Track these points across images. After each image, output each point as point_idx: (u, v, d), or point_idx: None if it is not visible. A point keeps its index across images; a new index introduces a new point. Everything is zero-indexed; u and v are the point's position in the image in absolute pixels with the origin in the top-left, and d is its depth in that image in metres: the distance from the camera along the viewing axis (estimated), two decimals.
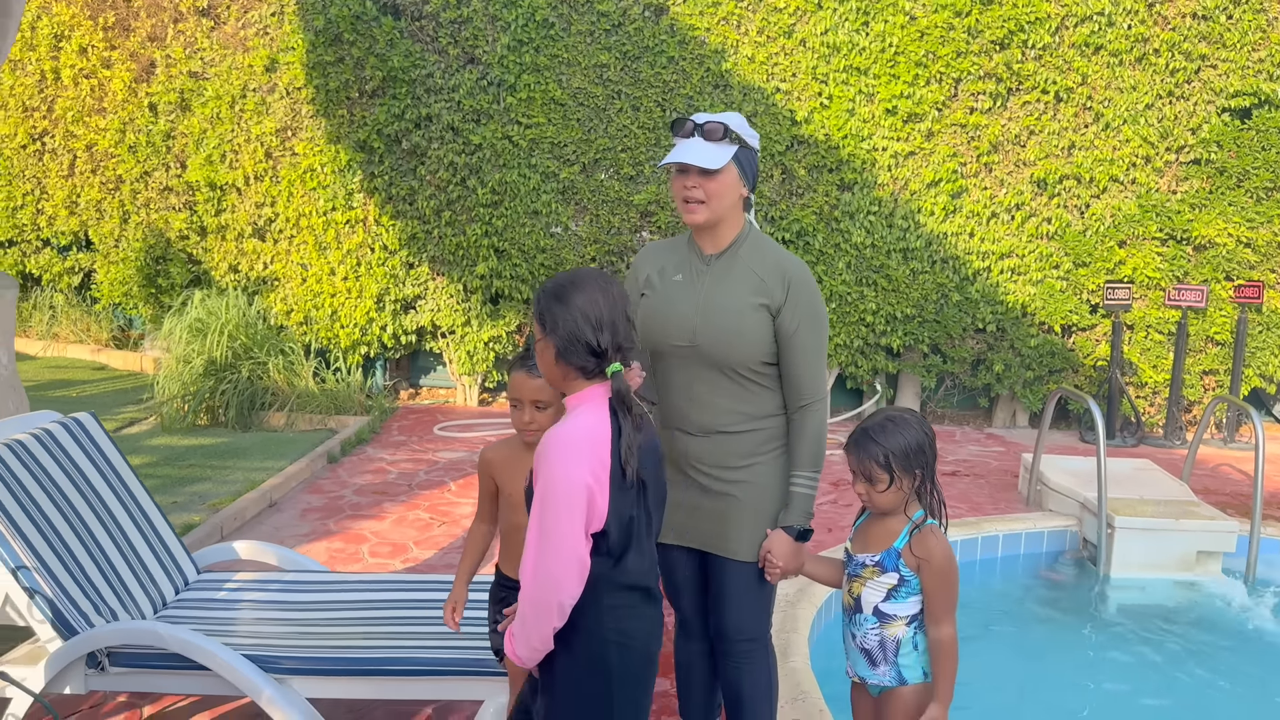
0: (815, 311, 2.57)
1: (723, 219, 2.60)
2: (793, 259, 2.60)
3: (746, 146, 2.58)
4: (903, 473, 2.34)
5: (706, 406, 2.61)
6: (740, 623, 2.69)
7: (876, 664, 2.42)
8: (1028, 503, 6.20)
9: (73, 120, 9.16)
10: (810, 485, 2.59)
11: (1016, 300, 8.14)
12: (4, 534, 2.92)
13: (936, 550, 2.33)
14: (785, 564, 2.56)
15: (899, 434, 2.34)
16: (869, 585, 2.40)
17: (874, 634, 2.40)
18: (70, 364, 9.56)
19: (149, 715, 3.40)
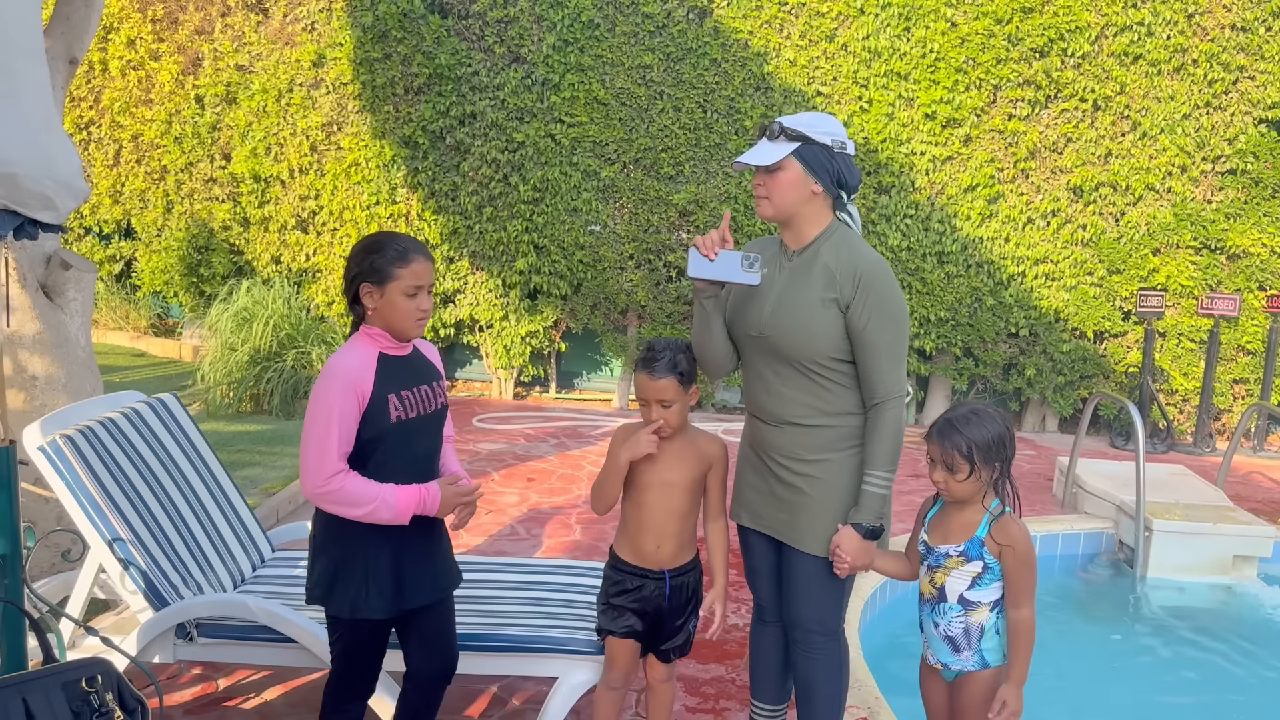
0: (887, 309, 2.57)
1: (795, 215, 2.66)
2: (871, 258, 2.61)
3: (812, 143, 2.60)
4: (983, 464, 2.40)
5: (779, 397, 2.69)
6: (809, 613, 2.76)
7: (960, 650, 2.49)
8: (1063, 505, 6.27)
9: (119, 111, 9.31)
10: (882, 485, 2.59)
11: (1050, 305, 8.21)
12: (101, 506, 3.04)
13: (1020, 537, 2.40)
14: (853, 560, 2.59)
15: (982, 426, 2.41)
16: (953, 574, 2.47)
17: (959, 621, 2.47)
18: (110, 350, 9.72)
19: (224, 687, 3.52)
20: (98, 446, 3.13)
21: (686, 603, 2.85)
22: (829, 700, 2.82)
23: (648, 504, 2.75)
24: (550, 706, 3.03)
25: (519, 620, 3.16)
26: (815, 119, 2.64)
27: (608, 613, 2.83)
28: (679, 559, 2.79)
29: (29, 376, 3.98)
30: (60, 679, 1.91)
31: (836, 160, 2.63)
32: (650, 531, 2.77)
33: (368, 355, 2.46)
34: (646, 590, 2.79)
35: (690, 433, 2.81)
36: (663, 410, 2.67)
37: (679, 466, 2.76)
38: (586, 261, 8.33)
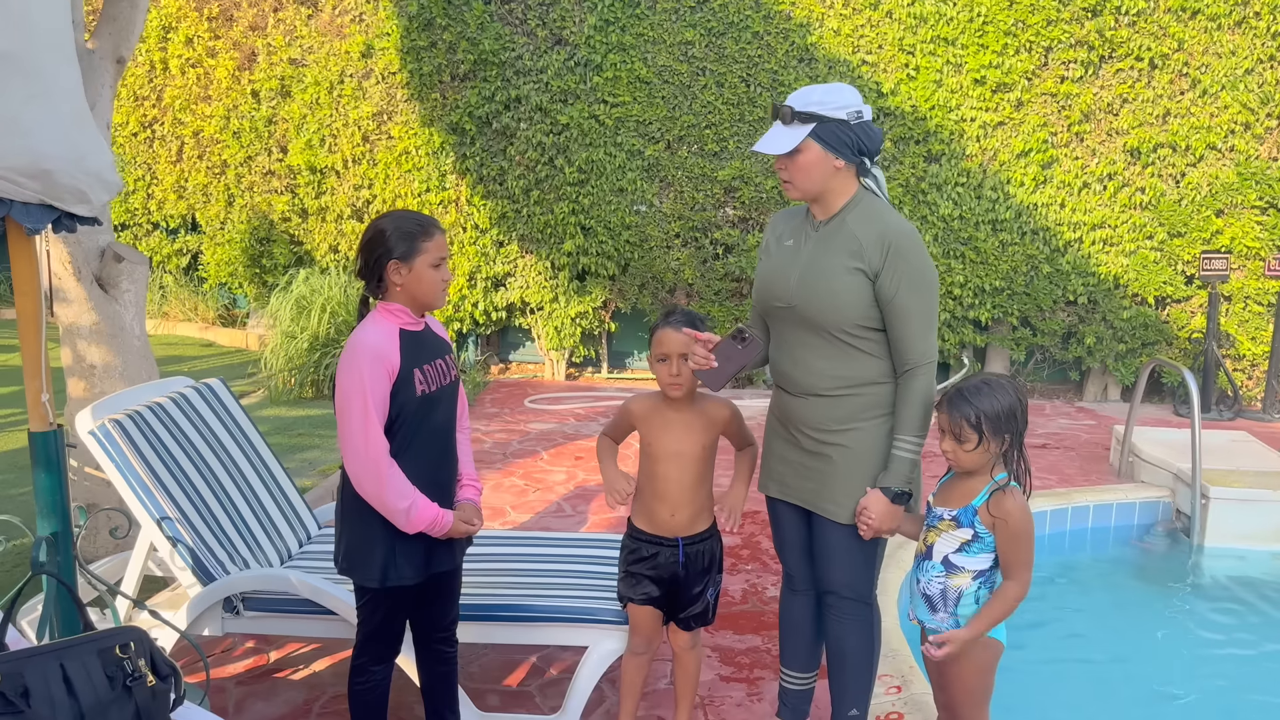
0: (917, 276, 2.57)
1: (823, 191, 2.65)
2: (899, 225, 2.60)
3: (827, 120, 2.58)
4: (992, 435, 2.39)
5: (806, 368, 2.70)
6: (840, 580, 2.78)
7: (936, 610, 2.50)
8: (1119, 475, 6.15)
9: (180, 108, 9.60)
10: (912, 450, 2.61)
11: (1109, 272, 8.02)
12: (149, 487, 3.18)
13: (1014, 511, 2.39)
14: (878, 523, 2.61)
15: (993, 397, 2.39)
16: (943, 536, 2.48)
17: (938, 581, 2.49)
18: (180, 341, 10.06)
19: (275, 659, 3.66)
20: (145, 430, 3.27)
21: (703, 571, 2.89)
22: (860, 665, 2.85)
23: (661, 475, 2.82)
24: (581, 674, 3.11)
25: (551, 591, 3.23)
26: (827, 93, 2.61)
27: (626, 580, 2.91)
28: (694, 527, 2.85)
29: (87, 365, 4.16)
30: (96, 646, 2.01)
31: (854, 131, 2.60)
32: (665, 501, 2.83)
33: (390, 331, 2.53)
34: (662, 558, 2.85)
35: (700, 401, 2.86)
36: (683, 364, 2.72)
37: (689, 437, 2.81)
38: (633, 241, 8.37)
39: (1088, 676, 3.93)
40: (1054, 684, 3.81)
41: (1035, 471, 6.13)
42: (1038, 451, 6.71)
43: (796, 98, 2.60)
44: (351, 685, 2.70)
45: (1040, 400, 8.46)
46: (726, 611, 4.11)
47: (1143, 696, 3.82)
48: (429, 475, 2.62)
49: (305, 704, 3.34)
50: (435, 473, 2.64)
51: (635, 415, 2.88)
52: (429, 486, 2.60)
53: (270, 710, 3.30)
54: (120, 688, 2.01)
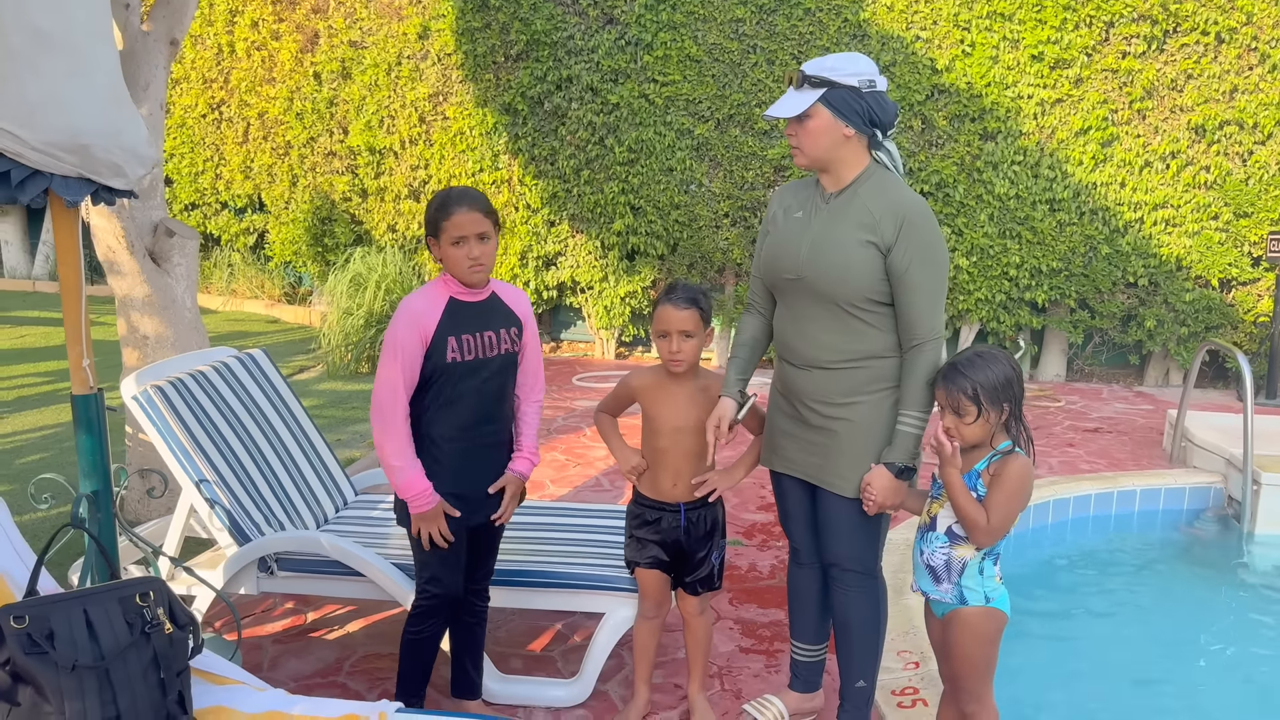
0: (929, 251, 2.57)
1: (833, 160, 2.64)
2: (912, 199, 2.60)
3: (837, 86, 2.57)
4: (990, 406, 2.39)
5: (810, 341, 2.71)
6: (845, 553, 2.80)
7: (939, 581, 2.51)
8: (1171, 460, 6.02)
9: (246, 90, 9.86)
10: (917, 425, 2.62)
11: (1171, 253, 7.81)
12: (189, 450, 3.33)
13: (1012, 471, 2.39)
14: (882, 498, 2.62)
15: (987, 368, 2.40)
16: (946, 507, 2.48)
17: (942, 552, 2.49)
18: (247, 317, 10.37)
19: (312, 619, 3.81)
20: (186, 396, 3.41)
21: (706, 535, 2.97)
22: (866, 638, 2.87)
23: (665, 448, 2.90)
24: (598, 639, 3.18)
25: (568, 559, 3.31)
26: (841, 60, 2.61)
27: (632, 545, 3.00)
28: (696, 493, 2.92)
29: (140, 336, 4.35)
30: (117, 594, 2.14)
31: (866, 100, 2.58)
32: (668, 471, 2.92)
33: (437, 298, 2.70)
34: (665, 523, 2.94)
35: (701, 376, 2.93)
36: (683, 341, 2.79)
37: (690, 412, 2.89)
38: (682, 221, 8.39)
39: (1133, 660, 3.88)
40: (1099, 666, 3.77)
41: (1085, 455, 6.07)
42: (1089, 436, 6.59)
43: (810, 64, 2.62)
44: (405, 632, 2.87)
45: (1098, 384, 8.29)
46: (754, 586, 4.15)
47: (1189, 682, 3.76)
48: (464, 438, 2.77)
49: (336, 663, 3.47)
50: (471, 436, 2.78)
51: (637, 389, 2.96)
52: (463, 448, 2.76)
53: (303, 667, 3.43)
54: (139, 633, 2.13)
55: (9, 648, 2.02)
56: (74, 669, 2.01)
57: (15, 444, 5.73)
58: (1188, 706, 3.58)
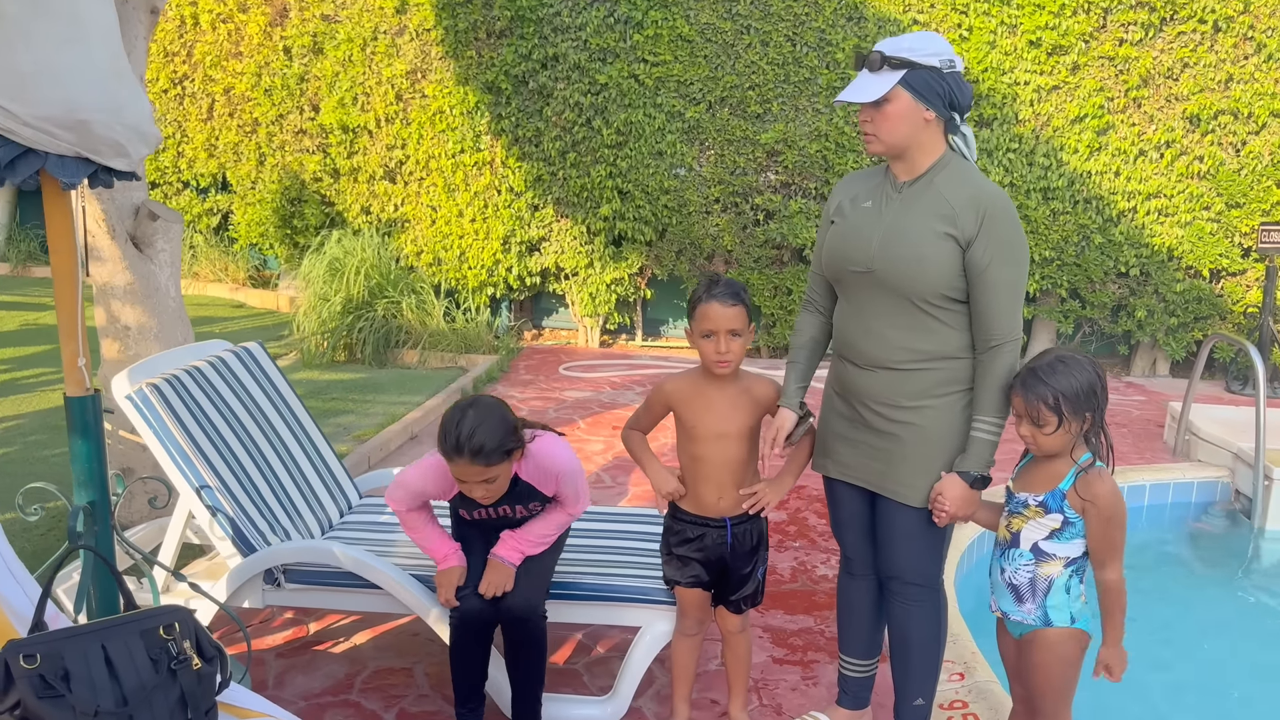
0: (1012, 247, 2.41)
1: (911, 146, 2.47)
2: (993, 190, 2.43)
3: (918, 67, 2.40)
4: (1072, 415, 2.25)
5: (878, 339, 2.53)
6: (907, 566, 2.62)
7: (1023, 601, 2.37)
8: (1175, 453, 5.96)
9: (211, 64, 9.44)
10: (993, 432, 2.45)
11: (1163, 243, 7.77)
12: (188, 454, 3.07)
13: (1104, 493, 2.25)
14: (955, 509, 2.47)
15: (1070, 375, 2.25)
16: (1030, 523, 2.35)
17: (1026, 570, 2.35)
18: (210, 301, 9.98)
19: (314, 631, 3.57)
20: (184, 395, 3.15)
21: (752, 551, 2.78)
22: (926, 654, 2.71)
23: (705, 457, 2.68)
24: (634, 655, 2.99)
25: (602, 569, 3.11)
26: (918, 39, 2.43)
27: (672, 563, 2.80)
28: (741, 507, 2.72)
29: (122, 326, 4.06)
30: (139, 626, 1.91)
31: (947, 81, 2.42)
32: (710, 483, 2.70)
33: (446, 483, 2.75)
34: (709, 539, 2.74)
35: (743, 378, 2.71)
36: (731, 341, 2.59)
37: (734, 416, 2.68)
38: (671, 206, 8.18)
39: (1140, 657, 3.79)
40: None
41: None
42: None
43: (887, 43, 2.43)
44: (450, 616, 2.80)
45: None
46: (776, 590, 3.98)
47: (1197, 679, 3.70)
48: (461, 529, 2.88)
49: (347, 679, 3.25)
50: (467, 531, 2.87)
51: (673, 396, 2.73)
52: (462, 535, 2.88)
53: (311, 684, 3.21)
54: (165, 671, 1.90)
55: (19, 690, 1.79)
56: (95, 716, 1.78)
57: None
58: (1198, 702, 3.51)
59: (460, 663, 2.77)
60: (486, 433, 2.50)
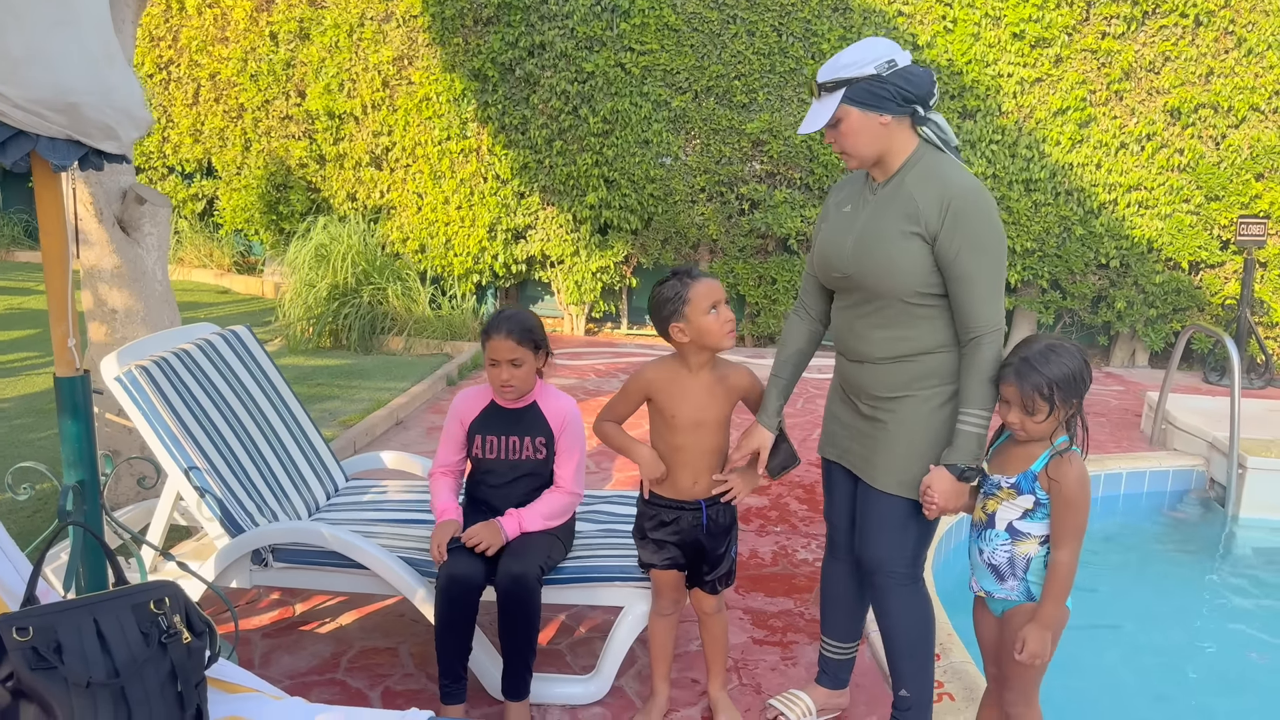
0: (979, 237, 2.40)
1: (881, 152, 2.51)
2: (960, 181, 2.42)
3: (855, 81, 2.43)
4: (1062, 403, 2.29)
5: (861, 337, 2.59)
6: (879, 554, 2.65)
7: (1004, 579, 2.41)
8: (1151, 442, 6.05)
9: (197, 49, 9.42)
10: (979, 424, 2.44)
11: (1143, 235, 7.85)
12: (176, 435, 3.10)
13: (1069, 476, 2.30)
14: (943, 502, 2.47)
15: (1061, 363, 2.29)
16: (1004, 504, 2.40)
17: (1004, 550, 2.40)
18: (195, 287, 9.97)
19: (300, 612, 3.61)
20: (172, 377, 3.18)
21: (725, 531, 2.84)
22: (905, 645, 2.71)
23: (683, 445, 2.74)
24: (616, 635, 3.04)
25: (583, 551, 3.15)
26: (851, 53, 2.46)
27: (648, 546, 2.85)
28: (715, 489, 2.78)
29: (109, 310, 4.07)
30: (130, 601, 1.94)
31: (889, 82, 2.43)
32: (688, 469, 2.76)
33: (482, 398, 3.05)
34: (684, 522, 2.79)
35: (720, 366, 2.77)
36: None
37: (711, 405, 2.74)
38: (657, 195, 8.21)
39: (1116, 642, 3.87)
40: (1082, 649, 3.75)
41: None
42: None
43: (823, 69, 2.48)
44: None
45: None
46: (757, 574, 4.04)
47: (1171, 664, 3.77)
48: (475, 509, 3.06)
49: (333, 658, 3.29)
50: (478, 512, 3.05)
51: (653, 385, 2.76)
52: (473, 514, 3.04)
53: (297, 664, 3.25)
54: (155, 644, 1.93)
55: (12, 662, 1.82)
56: (88, 686, 1.82)
57: None
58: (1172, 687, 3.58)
59: (445, 631, 2.80)
60: (523, 317, 2.93)
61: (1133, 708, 3.46)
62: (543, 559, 2.89)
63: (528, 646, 2.85)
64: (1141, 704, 3.49)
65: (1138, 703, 3.50)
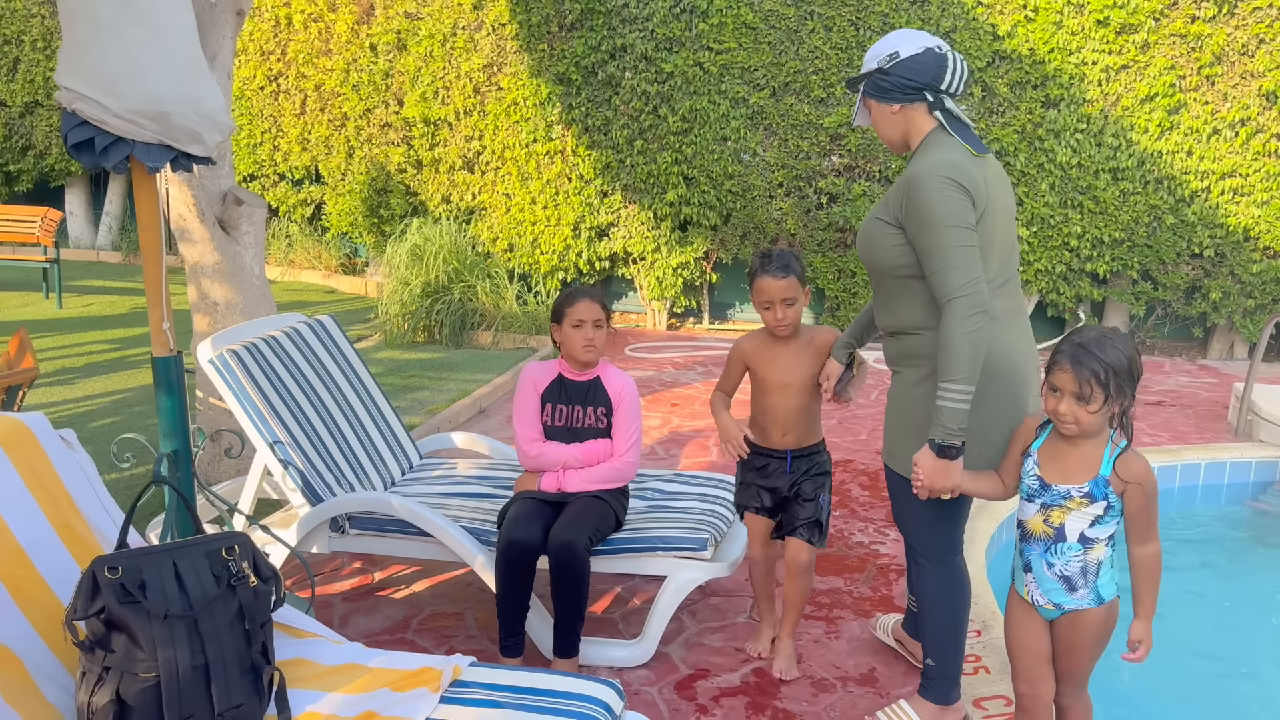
0: (921, 212, 2.47)
1: (904, 135, 2.69)
2: (926, 163, 2.49)
3: (868, 76, 2.68)
4: (1117, 392, 2.21)
5: (878, 312, 2.80)
6: (903, 529, 2.81)
7: (1076, 589, 2.36)
8: (1237, 433, 5.91)
9: (303, 62, 9.96)
10: (954, 398, 2.42)
11: (1238, 223, 7.62)
12: (263, 412, 3.41)
13: (1146, 473, 2.25)
14: (926, 481, 2.47)
15: (1116, 349, 2.21)
16: (1074, 514, 2.32)
17: (1078, 560, 2.34)
18: (305, 287, 10.53)
19: (379, 579, 3.90)
20: (260, 360, 3.49)
21: (813, 478, 3.14)
22: (930, 616, 2.78)
23: (772, 404, 3.13)
24: (660, 601, 3.22)
25: (632, 524, 3.34)
26: (871, 51, 2.72)
27: (743, 490, 3.24)
28: (803, 443, 3.16)
29: (211, 302, 4.45)
30: (204, 547, 2.21)
31: (892, 74, 2.60)
32: (776, 424, 3.14)
33: (551, 370, 3.35)
34: (771, 468, 3.18)
35: (804, 333, 3.13)
36: (786, 309, 3.00)
37: (796, 369, 3.10)
38: (736, 191, 8.35)
39: (1194, 631, 3.84)
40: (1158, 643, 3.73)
41: (1148, 429, 5.98)
42: (1152, 409, 6.49)
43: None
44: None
45: (1160, 357, 8.14)
46: None
47: (1250, 658, 3.71)
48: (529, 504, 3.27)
49: (404, 620, 3.55)
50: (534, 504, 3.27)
51: (746, 352, 3.17)
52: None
53: (372, 624, 3.52)
54: (225, 585, 2.20)
55: (104, 597, 2.10)
56: (165, 618, 2.09)
57: (87, 408, 5.90)
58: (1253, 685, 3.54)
59: (504, 591, 3.07)
60: (593, 288, 3.33)
61: (1210, 702, 3.42)
62: (592, 530, 3.10)
63: (576, 609, 3.07)
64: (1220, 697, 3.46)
65: (1216, 697, 3.46)
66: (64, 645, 2.15)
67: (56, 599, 2.18)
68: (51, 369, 6.82)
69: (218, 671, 2.09)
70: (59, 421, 5.50)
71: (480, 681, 2.26)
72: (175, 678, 2.04)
